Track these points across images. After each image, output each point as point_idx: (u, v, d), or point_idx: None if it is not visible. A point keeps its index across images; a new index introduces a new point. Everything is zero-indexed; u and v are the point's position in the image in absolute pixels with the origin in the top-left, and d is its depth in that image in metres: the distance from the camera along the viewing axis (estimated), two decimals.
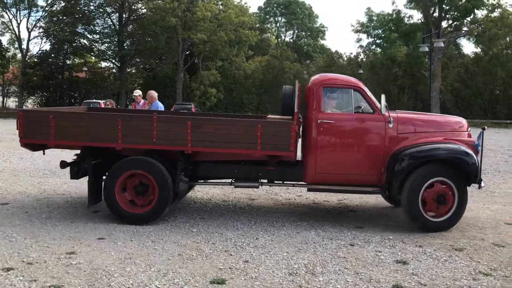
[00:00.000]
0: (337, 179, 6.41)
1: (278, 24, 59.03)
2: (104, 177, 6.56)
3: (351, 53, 49.71)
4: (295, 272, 4.63)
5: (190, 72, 41.53)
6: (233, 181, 6.63)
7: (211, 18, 37.72)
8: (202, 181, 6.99)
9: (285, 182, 6.80)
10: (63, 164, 6.79)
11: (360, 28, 45.45)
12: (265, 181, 6.71)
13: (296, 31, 58.72)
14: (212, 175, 6.85)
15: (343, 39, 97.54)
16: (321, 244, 5.54)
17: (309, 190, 6.66)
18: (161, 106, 10.02)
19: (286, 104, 7.09)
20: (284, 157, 6.26)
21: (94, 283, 4.20)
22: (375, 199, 8.28)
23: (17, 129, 6.23)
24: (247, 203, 7.72)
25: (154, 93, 10.10)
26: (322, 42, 59.10)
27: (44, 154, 7.41)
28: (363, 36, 46.55)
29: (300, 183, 6.67)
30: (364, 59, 43.96)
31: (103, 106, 11.62)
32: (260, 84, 42.42)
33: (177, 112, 11.14)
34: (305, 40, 58.63)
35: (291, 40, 58.55)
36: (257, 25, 47.50)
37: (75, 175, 6.69)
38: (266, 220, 6.59)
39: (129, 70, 45.80)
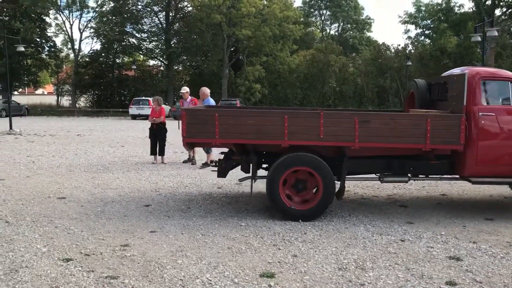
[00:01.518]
0: (495, 171, 6.45)
1: (323, 18, 58.38)
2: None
3: (399, 45, 48.60)
4: (344, 267, 4.59)
5: (235, 68, 41.87)
6: (380, 176, 6.66)
7: (256, 14, 37.83)
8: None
9: (429, 176, 6.88)
10: (219, 163, 7.01)
11: (408, 19, 44.29)
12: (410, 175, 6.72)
13: (342, 24, 57.88)
14: (361, 171, 6.88)
15: (390, 30, 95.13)
16: (370, 240, 5.47)
17: (473, 183, 6.60)
18: (212, 102, 10.61)
19: (421, 97, 7.39)
20: (440, 151, 6.34)
21: (147, 275, 4.33)
22: (426, 194, 8.08)
23: (178, 129, 6.39)
24: None
25: (206, 90, 10.81)
26: (368, 34, 57.99)
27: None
28: (411, 27, 45.42)
29: (453, 176, 6.75)
30: (412, 51, 42.74)
31: (152, 104, 11.94)
32: (305, 79, 42.15)
33: (342, 108, 11.39)
34: (351, 32, 57.70)
35: (336, 33, 57.79)
36: (301, 19, 47.13)
37: (222, 174, 6.93)
38: None
39: (176, 67, 46.76)
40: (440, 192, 8.21)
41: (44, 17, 45.07)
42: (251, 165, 6.69)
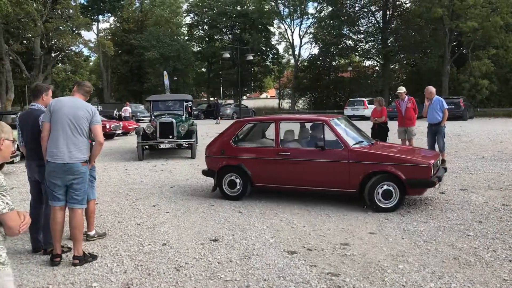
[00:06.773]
0: None
1: None
2: None
3: None
4: None
5: (457, 64, 38.65)
6: None
7: (483, 3, 34.21)
8: None
9: None
10: None
11: None
12: None
13: None
14: None
15: None
16: None
17: None
18: (441, 100, 10.48)
19: None
20: None
21: (368, 276, 4.31)
22: None
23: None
24: None
25: (433, 89, 10.70)
26: None
27: None
28: None
29: None
30: None
31: (375, 105, 11.82)
32: None
33: None
34: None
35: None
36: None
37: None
38: None
39: (392, 66, 45.63)
40: None
41: (269, 27, 49.28)
42: None
